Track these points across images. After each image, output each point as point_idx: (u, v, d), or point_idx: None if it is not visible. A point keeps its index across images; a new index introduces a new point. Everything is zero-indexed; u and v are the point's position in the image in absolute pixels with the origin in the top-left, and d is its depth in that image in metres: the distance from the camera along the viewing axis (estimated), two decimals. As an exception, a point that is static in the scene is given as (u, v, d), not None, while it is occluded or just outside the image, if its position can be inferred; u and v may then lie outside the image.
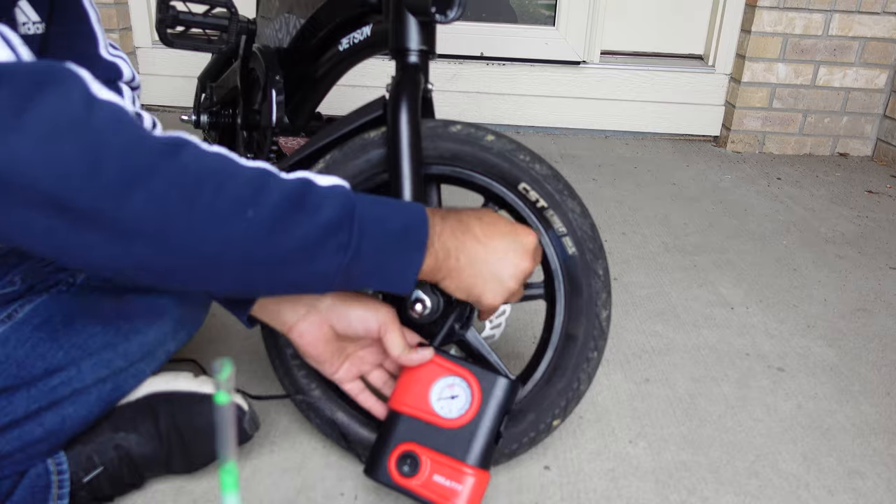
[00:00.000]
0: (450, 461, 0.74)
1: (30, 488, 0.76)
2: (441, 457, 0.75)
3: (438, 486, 0.74)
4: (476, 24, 2.53)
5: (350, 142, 0.87)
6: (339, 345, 0.80)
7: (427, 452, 0.75)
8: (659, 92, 2.54)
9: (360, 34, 1.12)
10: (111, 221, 0.53)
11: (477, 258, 0.72)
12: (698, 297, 1.44)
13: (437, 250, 0.70)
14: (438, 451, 0.75)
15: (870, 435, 1.04)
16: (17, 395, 0.73)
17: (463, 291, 0.74)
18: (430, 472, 0.75)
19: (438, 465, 0.74)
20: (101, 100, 0.54)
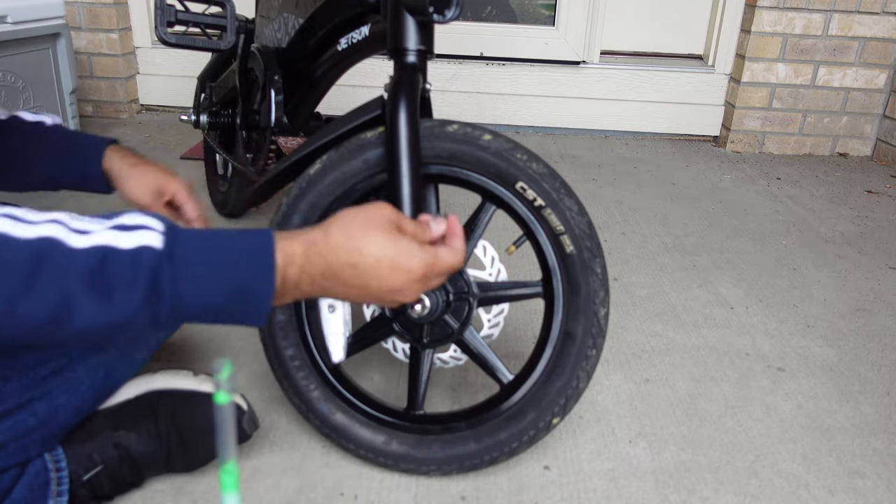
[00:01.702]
0: None
1: (28, 486, 0.76)
2: None
3: None
4: (476, 24, 2.53)
5: (347, 142, 0.87)
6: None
7: None
8: (659, 92, 2.54)
9: (359, 34, 1.12)
10: None
11: (350, 296, 0.67)
12: (698, 297, 1.44)
13: (295, 295, 0.65)
14: None
15: (870, 435, 1.04)
16: (8, 385, 0.73)
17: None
18: None
19: None
20: None
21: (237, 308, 0.62)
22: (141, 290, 0.57)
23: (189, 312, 0.60)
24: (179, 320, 0.61)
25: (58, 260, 0.55)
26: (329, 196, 0.87)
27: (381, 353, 1.14)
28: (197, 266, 0.59)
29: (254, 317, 0.63)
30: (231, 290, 0.60)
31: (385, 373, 1.13)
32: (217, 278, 0.60)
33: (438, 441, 0.89)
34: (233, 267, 0.60)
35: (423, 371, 0.90)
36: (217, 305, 0.60)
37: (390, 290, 0.66)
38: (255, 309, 0.62)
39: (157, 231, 0.59)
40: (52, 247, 0.55)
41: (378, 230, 0.65)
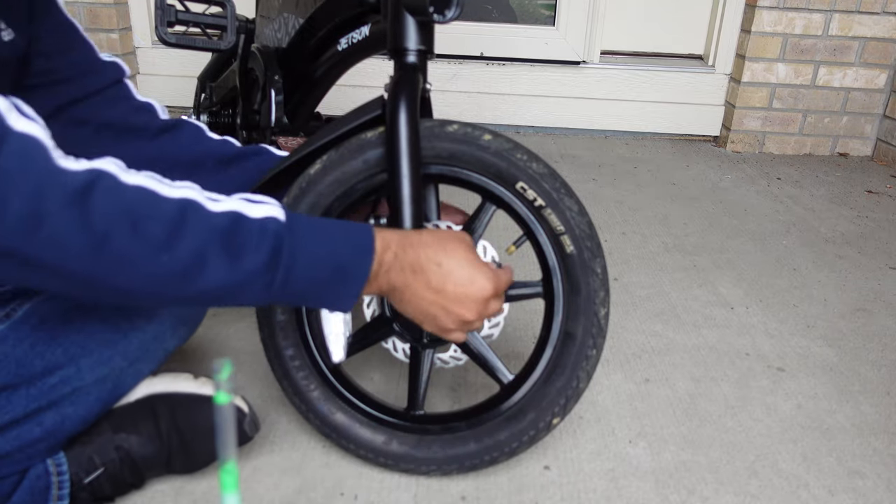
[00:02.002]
0: None
1: (29, 490, 0.76)
2: None
3: None
4: (476, 24, 2.53)
5: (347, 142, 0.87)
6: None
7: None
8: (659, 92, 2.54)
9: (359, 34, 1.12)
10: (18, 255, 0.53)
11: (423, 300, 0.71)
12: (698, 297, 1.44)
13: (381, 283, 0.70)
14: None
15: (870, 435, 1.04)
16: (16, 393, 0.73)
17: (404, 315, 0.75)
18: None
19: None
20: (16, 133, 0.53)
21: (334, 286, 0.66)
22: (265, 255, 0.61)
23: (295, 285, 0.64)
24: (285, 294, 0.64)
25: (198, 219, 0.59)
26: (329, 196, 0.87)
27: (381, 353, 1.14)
28: (310, 241, 0.64)
29: (346, 297, 0.67)
30: (334, 267, 0.65)
31: (385, 373, 1.13)
32: (324, 254, 0.65)
33: (438, 441, 0.89)
34: (338, 246, 0.66)
35: (423, 371, 0.90)
36: (320, 280, 0.65)
37: (461, 300, 0.71)
38: (349, 289, 0.67)
39: (279, 206, 0.65)
40: (194, 207, 0.59)
41: (463, 244, 0.74)
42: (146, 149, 0.92)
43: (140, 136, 0.92)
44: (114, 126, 0.90)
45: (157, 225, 0.57)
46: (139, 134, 0.91)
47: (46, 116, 0.88)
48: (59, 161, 0.55)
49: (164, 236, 0.57)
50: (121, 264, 0.56)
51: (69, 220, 0.53)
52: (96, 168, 0.57)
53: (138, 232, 0.56)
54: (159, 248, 0.57)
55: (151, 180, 0.60)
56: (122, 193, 0.57)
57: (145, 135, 0.92)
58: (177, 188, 0.61)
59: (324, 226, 0.67)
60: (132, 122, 0.91)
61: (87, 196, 0.55)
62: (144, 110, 0.93)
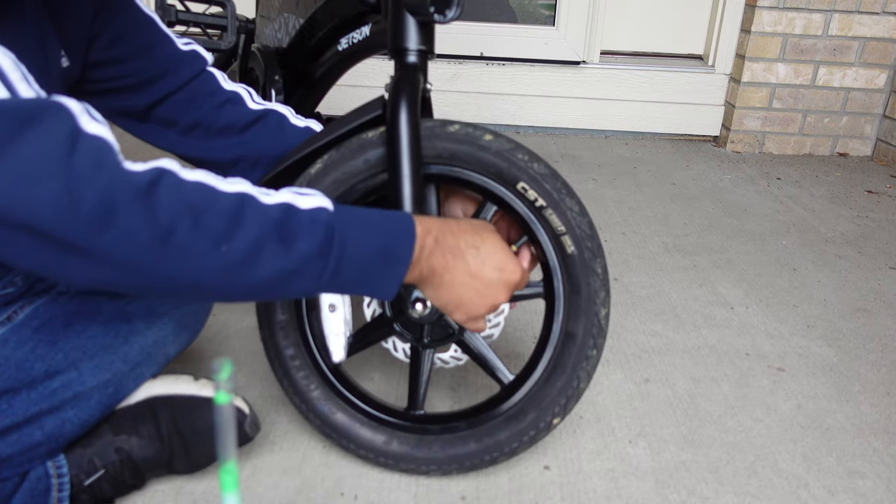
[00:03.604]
0: None
1: (30, 492, 0.76)
2: None
3: None
4: (476, 24, 2.53)
5: (348, 142, 0.87)
6: None
7: None
8: (659, 92, 2.54)
9: (359, 34, 1.12)
10: (86, 251, 0.55)
11: (462, 284, 0.73)
12: (698, 297, 1.44)
13: (423, 267, 0.71)
14: None
15: (870, 435, 1.04)
16: (17, 397, 0.73)
17: (437, 303, 0.76)
18: None
19: None
20: (87, 134, 0.55)
21: (381, 270, 0.68)
22: (317, 242, 0.63)
23: (346, 271, 0.66)
24: (335, 281, 0.66)
25: (254, 211, 0.61)
26: (330, 196, 0.87)
27: (382, 353, 1.14)
28: (357, 227, 0.67)
29: (391, 281, 0.69)
30: (380, 251, 0.67)
31: (385, 373, 1.13)
32: (371, 239, 0.67)
33: (438, 441, 0.89)
34: (383, 231, 0.68)
35: (424, 371, 0.90)
36: (368, 265, 0.67)
37: (496, 284, 0.74)
38: (395, 272, 0.69)
39: (325, 197, 0.67)
40: (249, 200, 0.62)
41: (495, 233, 0.77)
42: (232, 148, 0.94)
43: (226, 135, 0.94)
44: (200, 126, 0.92)
45: (217, 217, 0.59)
46: (225, 132, 0.93)
47: (137, 118, 0.91)
48: (124, 163, 0.57)
49: (223, 228, 0.59)
50: (185, 255, 0.58)
51: (137, 215, 0.55)
52: (158, 167, 0.59)
53: (200, 224, 0.58)
54: (219, 240, 0.59)
55: (209, 176, 0.62)
56: (183, 189, 0.59)
57: (231, 132, 0.94)
58: (231, 184, 0.63)
59: (367, 214, 0.69)
60: (218, 122, 0.93)
61: (151, 192, 0.57)
62: (231, 103, 0.94)
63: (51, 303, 0.79)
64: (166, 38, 0.89)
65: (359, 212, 0.69)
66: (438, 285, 0.73)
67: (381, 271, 0.68)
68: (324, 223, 0.64)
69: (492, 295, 0.75)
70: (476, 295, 0.74)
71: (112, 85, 0.87)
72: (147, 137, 0.93)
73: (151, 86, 0.89)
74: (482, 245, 0.74)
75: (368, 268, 0.67)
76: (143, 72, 0.87)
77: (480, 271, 0.73)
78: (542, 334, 0.88)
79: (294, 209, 0.64)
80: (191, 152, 0.95)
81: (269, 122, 0.96)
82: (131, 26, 0.86)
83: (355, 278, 0.67)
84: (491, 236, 0.76)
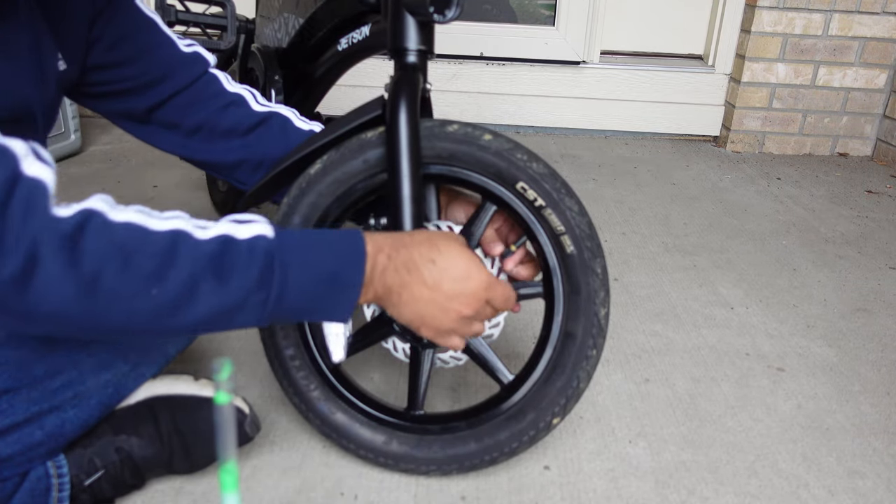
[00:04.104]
0: None
1: (30, 491, 0.76)
2: None
3: None
4: (476, 24, 2.53)
5: (347, 142, 0.87)
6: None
7: None
8: (659, 92, 2.54)
9: (359, 34, 1.12)
10: (13, 306, 0.54)
11: (422, 300, 0.70)
12: (698, 297, 1.44)
13: (377, 287, 0.69)
14: None
15: (870, 435, 1.04)
16: (17, 397, 0.73)
17: (400, 321, 0.74)
18: None
19: None
20: (26, 178, 0.55)
21: (331, 295, 0.66)
22: (256, 273, 0.61)
23: (291, 300, 0.64)
24: (281, 311, 0.64)
25: (187, 248, 0.60)
26: (329, 196, 0.87)
27: (381, 353, 1.14)
28: (300, 253, 0.64)
29: (344, 305, 0.67)
30: (328, 276, 0.65)
31: (385, 373, 1.13)
32: (317, 264, 0.65)
33: (438, 441, 0.89)
34: (330, 254, 0.66)
35: (424, 371, 0.90)
36: (315, 292, 0.65)
37: (458, 295, 0.71)
38: (346, 296, 0.67)
39: (267, 223, 0.65)
40: (182, 237, 0.60)
41: (456, 241, 0.74)
42: (235, 151, 0.93)
43: (229, 138, 0.93)
44: (203, 129, 0.92)
45: (147, 258, 0.58)
46: (228, 135, 0.93)
47: (139, 120, 0.90)
48: (54, 209, 0.56)
49: (154, 269, 0.58)
50: (114, 301, 0.57)
51: (60, 266, 0.54)
52: (85, 209, 0.58)
53: (129, 267, 0.57)
54: (150, 281, 0.57)
55: (140, 215, 0.60)
56: (111, 231, 0.58)
57: (235, 135, 0.93)
58: (165, 219, 0.61)
59: (313, 236, 0.67)
60: (221, 125, 0.92)
61: (77, 238, 0.56)
62: (234, 105, 0.93)
63: None
64: (168, 41, 0.89)
65: (304, 235, 0.67)
66: (397, 304, 0.71)
67: (333, 296, 0.66)
68: (262, 252, 0.62)
69: (456, 308, 0.71)
70: (438, 310, 0.71)
71: (113, 88, 0.87)
72: (149, 140, 0.93)
73: (153, 89, 0.88)
74: (439, 257, 0.71)
75: (317, 294, 0.65)
76: (145, 75, 0.87)
77: (439, 284, 0.70)
78: (542, 334, 0.88)
79: (231, 241, 0.62)
80: (194, 155, 0.94)
81: (272, 125, 0.95)
82: (133, 29, 0.85)
83: (305, 306, 0.65)
84: (450, 246, 0.72)
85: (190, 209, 1.81)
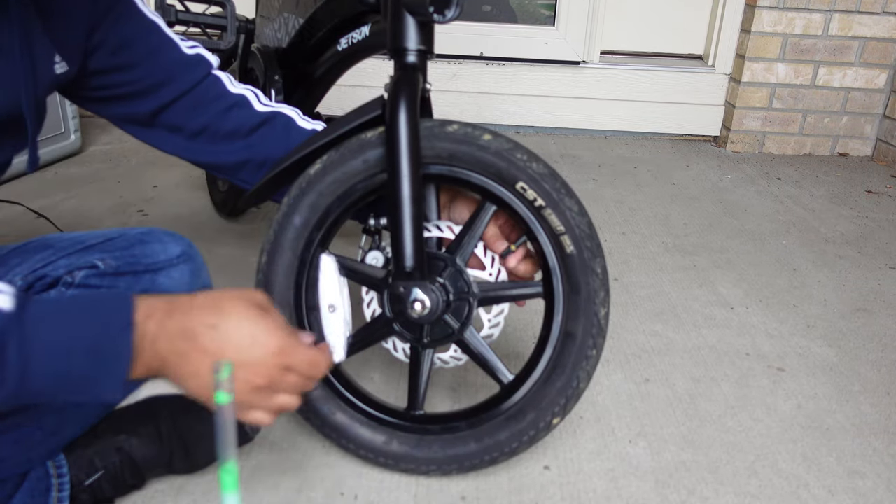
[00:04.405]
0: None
1: (30, 492, 0.76)
2: None
3: None
4: (476, 24, 2.53)
5: (347, 142, 0.87)
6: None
7: None
8: (659, 92, 2.54)
9: (359, 34, 1.12)
10: None
11: (202, 370, 0.62)
12: (698, 297, 1.44)
13: (148, 358, 0.61)
14: None
15: (870, 435, 1.04)
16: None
17: (189, 394, 0.65)
18: None
19: None
20: None
21: (93, 373, 0.57)
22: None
23: (39, 381, 0.56)
24: (29, 392, 0.57)
25: None
26: (329, 196, 0.87)
27: (381, 353, 1.14)
28: (48, 328, 0.56)
29: (112, 383, 0.59)
30: (87, 351, 0.57)
31: (385, 373, 1.13)
32: (71, 339, 0.56)
33: (438, 441, 0.89)
34: (88, 326, 0.57)
35: (424, 371, 0.90)
36: (70, 371, 0.57)
37: (245, 364, 0.63)
38: (112, 372, 0.58)
39: (7, 293, 0.56)
40: None
41: (245, 302, 0.65)
42: (238, 152, 0.93)
43: (232, 139, 0.92)
44: (207, 131, 0.91)
45: None
46: (231, 137, 0.92)
47: (143, 124, 0.90)
48: None
49: None
50: None
51: None
52: None
53: None
54: None
55: None
56: None
57: (238, 136, 0.93)
58: None
59: (69, 306, 0.59)
60: (225, 127, 0.92)
61: None
62: (237, 107, 0.93)
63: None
64: (170, 43, 0.88)
65: (59, 305, 0.59)
66: (177, 376, 0.63)
67: (95, 374, 0.58)
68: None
69: (244, 378, 0.63)
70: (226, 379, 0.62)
71: (116, 92, 0.86)
72: (153, 142, 0.93)
73: (156, 92, 0.88)
74: (222, 321, 0.63)
75: (74, 374, 0.57)
76: (148, 78, 0.87)
77: (222, 352, 0.62)
78: (542, 334, 0.88)
79: None
80: (197, 157, 0.94)
81: (275, 125, 0.95)
82: (136, 33, 0.85)
83: (60, 386, 0.57)
84: (236, 309, 0.64)
85: (190, 209, 1.82)
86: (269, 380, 0.65)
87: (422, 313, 0.84)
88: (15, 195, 1.75)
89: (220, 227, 1.64)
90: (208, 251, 1.51)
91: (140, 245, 0.83)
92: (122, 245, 0.83)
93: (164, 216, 1.69)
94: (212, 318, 0.63)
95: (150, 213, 1.71)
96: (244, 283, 1.38)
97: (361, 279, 0.90)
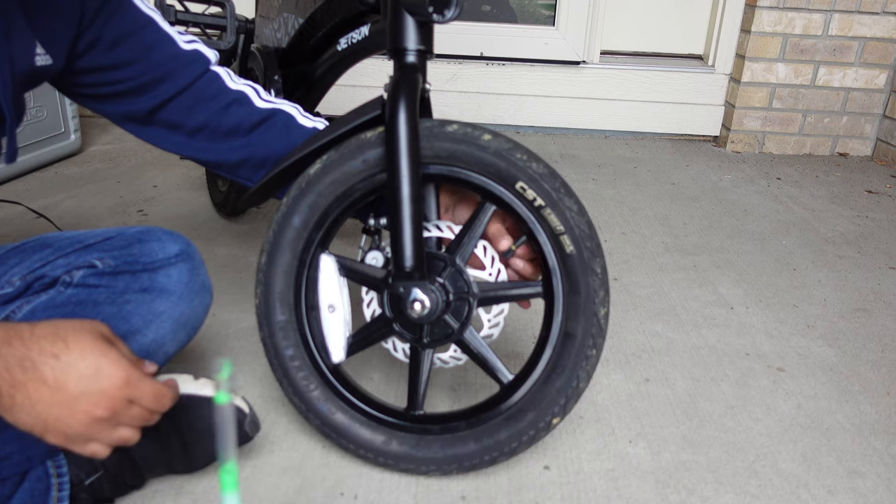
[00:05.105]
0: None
1: (29, 491, 0.76)
2: None
3: None
4: (476, 24, 2.53)
5: (347, 142, 0.87)
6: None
7: None
8: (659, 92, 2.54)
9: (359, 34, 1.12)
10: None
11: (41, 402, 0.60)
12: (698, 297, 1.44)
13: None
14: None
15: (870, 435, 1.04)
16: None
17: (21, 427, 0.63)
18: None
19: None
20: None
21: None
22: None
23: None
24: None
25: None
26: (329, 196, 0.87)
27: (381, 353, 1.14)
28: None
29: None
30: None
31: (385, 373, 1.13)
32: None
33: (438, 441, 0.89)
34: None
35: (423, 371, 0.90)
36: None
37: (86, 394, 0.62)
38: None
39: None
40: None
41: (90, 333, 0.64)
42: (238, 150, 0.93)
43: (232, 137, 0.92)
44: (206, 128, 0.91)
45: None
46: (231, 134, 0.92)
47: (141, 122, 0.89)
48: None
49: None
50: None
51: None
52: None
53: None
54: None
55: None
56: None
57: (237, 134, 0.92)
58: None
59: None
60: (224, 124, 0.91)
61: None
62: (237, 104, 0.92)
63: (49, 303, 0.79)
64: (168, 39, 0.87)
65: None
66: (10, 408, 0.60)
67: None
68: None
69: (84, 409, 0.62)
70: (65, 412, 0.61)
71: (113, 89, 0.86)
72: (152, 140, 0.93)
73: (153, 90, 0.87)
74: (65, 352, 0.61)
75: None
76: (145, 75, 0.86)
77: (63, 383, 0.60)
78: (542, 334, 0.88)
79: None
80: (197, 155, 0.94)
81: (275, 123, 0.94)
82: (132, 28, 0.84)
83: None
84: (79, 339, 0.62)
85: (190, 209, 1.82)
86: (112, 412, 0.64)
87: (421, 313, 0.84)
88: (15, 195, 1.75)
89: (220, 226, 1.64)
90: (208, 251, 1.51)
91: (138, 244, 0.83)
92: (121, 244, 0.83)
93: (164, 216, 1.69)
94: (54, 348, 0.61)
95: (150, 212, 1.71)
96: (244, 283, 1.38)
97: (361, 279, 0.90)
